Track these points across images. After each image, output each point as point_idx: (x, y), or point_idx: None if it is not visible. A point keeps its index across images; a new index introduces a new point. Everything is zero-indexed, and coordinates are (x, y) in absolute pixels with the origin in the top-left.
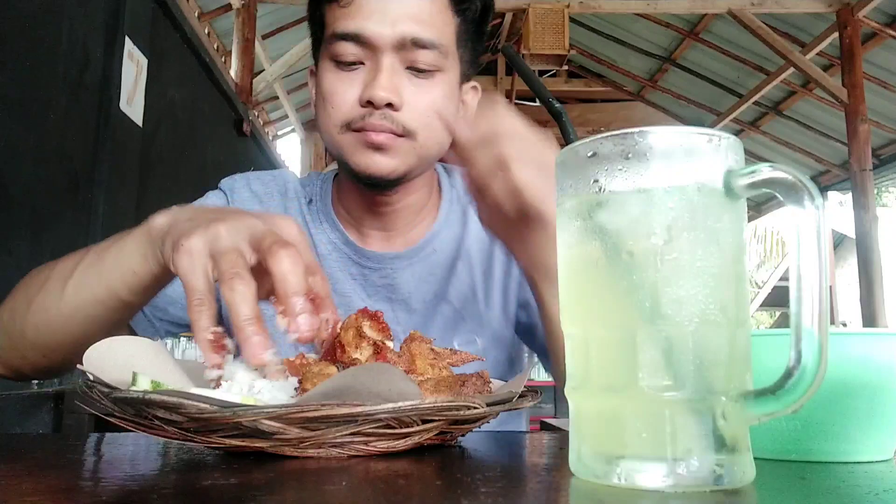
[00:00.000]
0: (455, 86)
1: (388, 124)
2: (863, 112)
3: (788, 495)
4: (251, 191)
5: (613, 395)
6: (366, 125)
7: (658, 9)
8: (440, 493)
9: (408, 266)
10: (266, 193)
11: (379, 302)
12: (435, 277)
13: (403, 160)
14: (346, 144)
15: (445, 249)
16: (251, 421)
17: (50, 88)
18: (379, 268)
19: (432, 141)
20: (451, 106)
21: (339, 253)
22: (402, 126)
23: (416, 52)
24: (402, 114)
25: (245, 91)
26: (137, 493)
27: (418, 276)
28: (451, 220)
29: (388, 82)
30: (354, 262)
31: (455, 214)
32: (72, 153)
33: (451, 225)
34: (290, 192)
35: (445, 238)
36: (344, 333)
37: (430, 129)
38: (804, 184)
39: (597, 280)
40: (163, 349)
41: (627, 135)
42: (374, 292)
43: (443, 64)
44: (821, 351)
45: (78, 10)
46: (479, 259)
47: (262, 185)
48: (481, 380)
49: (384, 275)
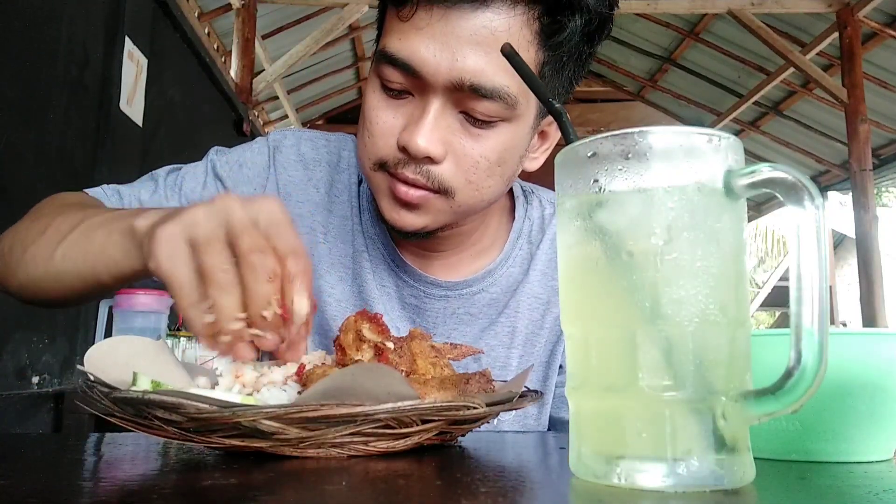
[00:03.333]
0: (525, 132)
1: (423, 180)
2: (863, 112)
3: (788, 495)
4: (299, 152)
5: (613, 395)
6: (398, 174)
7: (658, 9)
8: (440, 493)
9: (443, 297)
10: (314, 160)
11: (399, 321)
12: (472, 319)
13: (435, 218)
14: (375, 184)
15: (495, 293)
16: (251, 421)
17: (50, 88)
18: (413, 285)
19: (475, 199)
20: (511, 158)
21: (377, 251)
22: (438, 182)
23: (475, 101)
24: (443, 168)
25: (245, 91)
26: (137, 493)
27: (450, 311)
28: (514, 261)
29: (430, 132)
30: (390, 267)
31: (520, 254)
32: (72, 153)
33: (512, 266)
34: (342, 163)
35: (501, 280)
36: (344, 336)
37: (475, 186)
38: (804, 184)
39: (597, 280)
40: (164, 349)
41: (627, 135)
42: (398, 307)
43: (509, 115)
44: (821, 351)
45: (78, 10)
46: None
47: (312, 149)
48: (484, 378)
49: (416, 294)
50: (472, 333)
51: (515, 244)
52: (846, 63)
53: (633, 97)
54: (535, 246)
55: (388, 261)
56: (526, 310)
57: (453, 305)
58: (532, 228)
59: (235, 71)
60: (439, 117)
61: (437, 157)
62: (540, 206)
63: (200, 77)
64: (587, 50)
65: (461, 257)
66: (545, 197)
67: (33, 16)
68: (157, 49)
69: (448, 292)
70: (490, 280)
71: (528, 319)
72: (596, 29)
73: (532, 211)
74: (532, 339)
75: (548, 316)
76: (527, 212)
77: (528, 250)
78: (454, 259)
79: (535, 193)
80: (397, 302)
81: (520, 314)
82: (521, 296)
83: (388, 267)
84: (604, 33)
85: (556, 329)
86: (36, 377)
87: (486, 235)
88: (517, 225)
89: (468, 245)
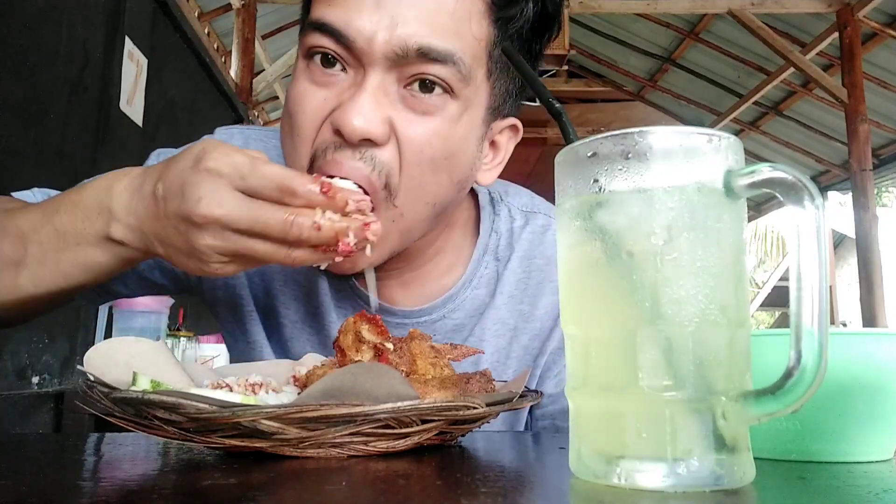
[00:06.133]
0: (476, 122)
1: (363, 167)
2: (863, 112)
3: (788, 495)
4: None
5: (613, 395)
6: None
7: (658, 9)
8: (440, 493)
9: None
10: None
11: None
12: None
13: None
14: None
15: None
16: (250, 421)
17: (50, 88)
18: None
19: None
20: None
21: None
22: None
23: (423, 66)
24: (386, 152)
25: (245, 91)
26: (137, 493)
27: None
28: (479, 281)
29: (369, 109)
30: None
31: (486, 273)
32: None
33: (477, 287)
34: None
35: (465, 305)
36: (343, 337)
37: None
38: (804, 184)
39: (597, 280)
40: (164, 349)
41: (627, 135)
42: None
43: (460, 90)
44: (821, 351)
45: (78, 10)
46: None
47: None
48: (485, 378)
49: None
50: None
51: (480, 262)
52: (846, 63)
53: (633, 97)
54: (503, 264)
55: (345, 282)
56: (492, 337)
57: None
58: (499, 243)
59: (235, 71)
60: (378, 92)
61: (377, 137)
62: (509, 218)
63: (200, 77)
64: (536, 47)
65: (418, 274)
66: (515, 205)
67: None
68: (157, 49)
69: (404, 320)
70: (452, 305)
71: (493, 348)
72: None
73: (500, 223)
74: (498, 368)
75: (514, 345)
76: (493, 224)
77: (494, 268)
78: (409, 277)
79: (503, 201)
80: None
81: (485, 342)
82: (487, 322)
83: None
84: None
85: (525, 360)
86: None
87: (445, 251)
88: (482, 240)
89: (426, 260)
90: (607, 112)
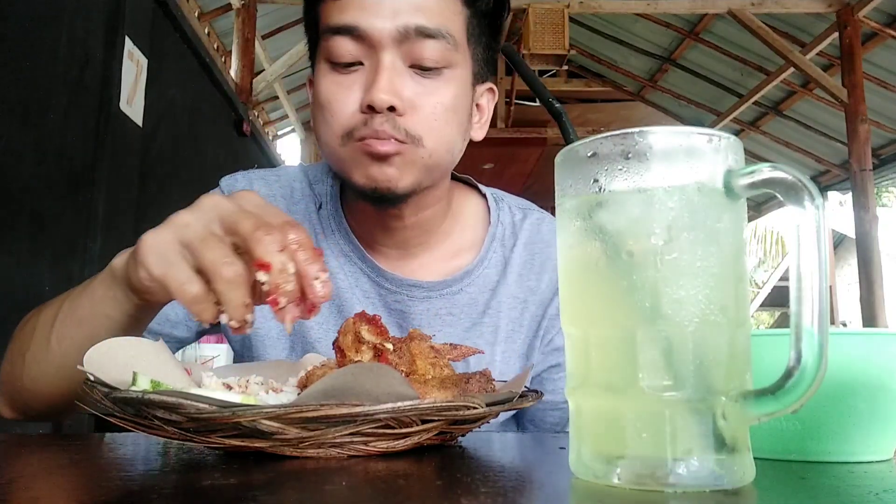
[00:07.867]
0: (467, 85)
1: (391, 130)
2: (863, 112)
3: (788, 495)
4: None
5: (613, 395)
6: (367, 133)
7: (658, 9)
8: (440, 493)
9: (426, 298)
10: (269, 196)
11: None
12: (455, 319)
13: (410, 170)
14: (348, 157)
15: (473, 293)
16: (250, 421)
17: (50, 88)
18: (395, 290)
19: (442, 148)
20: (462, 108)
21: (353, 267)
22: (405, 132)
23: (422, 43)
24: (406, 118)
25: (245, 91)
26: (137, 493)
27: (434, 313)
28: (489, 263)
29: (388, 83)
30: (370, 279)
31: (495, 257)
32: (72, 153)
33: (488, 268)
34: (296, 194)
35: (479, 281)
36: (343, 338)
37: (438, 133)
38: (804, 184)
39: (597, 280)
40: (163, 349)
41: (627, 135)
42: (385, 315)
43: (452, 58)
44: (821, 351)
45: (78, 11)
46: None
47: (265, 186)
48: (485, 377)
49: (398, 299)
50: (456, 334)
51: (490, 247)
52: (846, 63)
53: (633, 97)
54: (509, 250)
55: (367, 272)
56: (507, 309)
57: (436, 306)
58: (505, 233)
59: (235, 71)
60: (392, 72)
61: (399, 106)
62: (510, 212)
63: (200, 77)
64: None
65: (435, 256)
66: (514, 204)
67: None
68: (157, 49)
69: (430, 293)
70: (468, 280)
71: (508, 318)
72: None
73: (504, 216)
74: (512, 335)
75: (525, 314)
76: (499, 217)
77: (501, 254)
78: (427, 258)
79: (504, 201)
80: (383, 309)
81: (501, 314)
82: (501, 296)
83: (369, 278)
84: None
85: (533, 325)
86: None
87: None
88: (492, 229)
89: (439, 240)
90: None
